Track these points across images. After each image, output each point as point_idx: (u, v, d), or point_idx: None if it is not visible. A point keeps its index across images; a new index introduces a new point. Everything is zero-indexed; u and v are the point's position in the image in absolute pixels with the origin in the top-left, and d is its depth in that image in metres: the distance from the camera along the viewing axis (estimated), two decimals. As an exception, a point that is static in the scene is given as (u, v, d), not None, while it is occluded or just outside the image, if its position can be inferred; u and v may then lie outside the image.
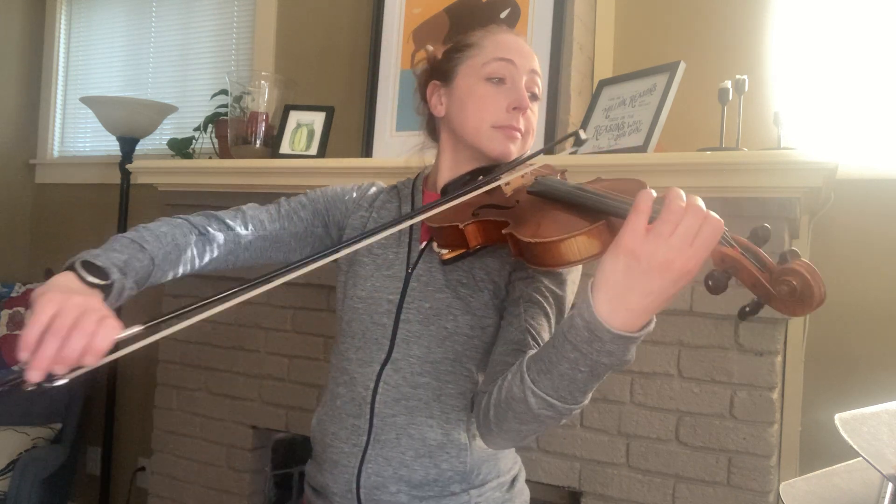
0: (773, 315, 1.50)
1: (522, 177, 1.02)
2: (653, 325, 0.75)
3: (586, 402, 0.81)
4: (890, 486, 0.77)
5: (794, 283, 0.68)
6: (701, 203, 0.70)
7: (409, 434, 1.03)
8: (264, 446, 2.19)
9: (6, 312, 2.70)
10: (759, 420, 1.52)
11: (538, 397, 0.80)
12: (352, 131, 2.25)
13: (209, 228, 1.05)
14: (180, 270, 1.00)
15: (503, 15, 1.98)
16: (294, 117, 2.20)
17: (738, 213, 1.54)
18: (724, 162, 1.50)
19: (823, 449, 1.68)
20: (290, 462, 2.27)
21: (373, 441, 1.04)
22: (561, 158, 1.74)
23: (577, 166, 1.62)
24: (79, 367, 0.71)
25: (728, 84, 1.66)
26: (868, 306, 1.73)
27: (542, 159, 1.62)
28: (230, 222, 1.07)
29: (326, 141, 2.15)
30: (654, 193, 0.73)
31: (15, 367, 0.68)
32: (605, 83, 1.83)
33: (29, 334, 0.69)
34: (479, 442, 1.05)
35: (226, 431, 2.17)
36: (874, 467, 0.74)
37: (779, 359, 1.53)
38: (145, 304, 2.85)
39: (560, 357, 0.77)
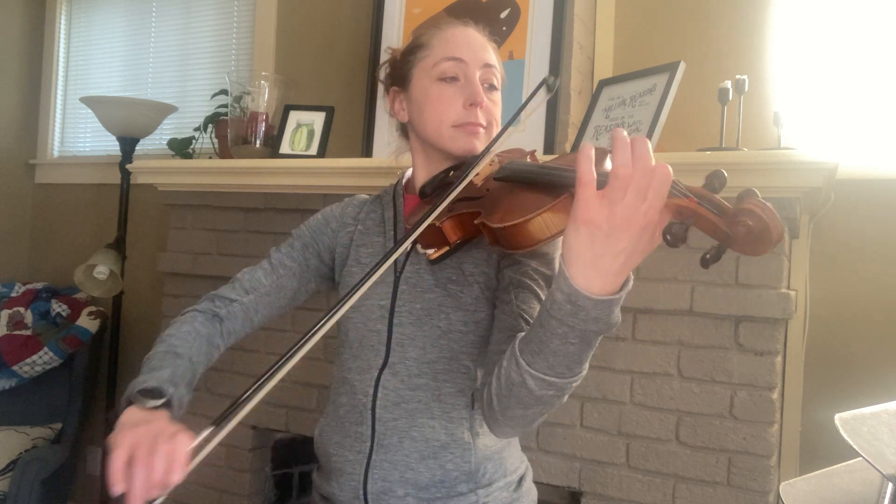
0: (772, 315, 1.50)
1: (490, 164, 1.02)
2: (631, 284, 0.76)
3: (584, 372, 0.82)
4: (890, 486, 0.77)
5: (750, 223, 0.68)
6: (646, 151, 0.69)
7: (412, 437, 1.03)
8: (264, 446, 2.19)
9: (6, 312, 2.69)
10: (759, 420, 1.52)
11: (536, 379, 0.81)
12: (352, 131, 2.25)
13: (219, 312, 1.09)
14: (214, 355, 1.07)
15: (503, 15, 1.98)
16: (294, 117, 2.20)
17: (738, 213, 1.53)
18: (724, 162, 1.50)
19: (823, 449, 1.68)
20: (290, 462, 2.27)
21: (376, 446, 1.04)
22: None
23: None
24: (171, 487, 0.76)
25: (728, 84, 1.66)
26: (868, 306, 1.73)
27: (542, 158, 1.62)
28: (233, 296, 1.11)
29: (326, 141, 2.15)
30: (592, 155, 0.72)
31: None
32: (605, 83, 1.83)
33: (114, 470, 0.76)
34: (482, 440, 1.05)
35: (226, 431, 2.17)
36: (874, 467, 0.74)
37: (779, 359, 1.53)
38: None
39: (549, 334, 0.78)
